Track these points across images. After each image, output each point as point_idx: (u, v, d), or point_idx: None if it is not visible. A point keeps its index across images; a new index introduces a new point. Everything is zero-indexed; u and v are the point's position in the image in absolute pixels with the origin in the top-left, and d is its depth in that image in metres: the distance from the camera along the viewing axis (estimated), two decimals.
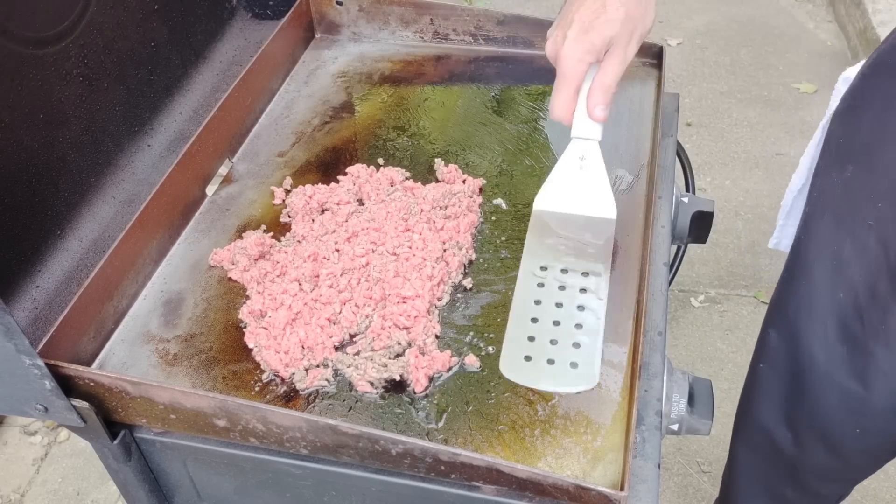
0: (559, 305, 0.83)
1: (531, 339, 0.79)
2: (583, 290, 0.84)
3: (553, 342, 0.79)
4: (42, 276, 0.85)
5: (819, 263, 0.99)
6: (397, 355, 0.83)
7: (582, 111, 0.87)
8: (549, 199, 0.92)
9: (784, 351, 1.08)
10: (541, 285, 0.85)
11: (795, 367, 1.06)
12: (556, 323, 0.81)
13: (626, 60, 0.84)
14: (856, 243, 0.93)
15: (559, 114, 0.86)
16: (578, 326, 0.80)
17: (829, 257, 0.97)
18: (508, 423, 0.77)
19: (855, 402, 1.00)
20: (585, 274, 0.86)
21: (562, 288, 0.84)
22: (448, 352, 0.82)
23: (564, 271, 0.86)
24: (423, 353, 0.82)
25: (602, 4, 0.82)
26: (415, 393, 0.79)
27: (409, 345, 0.83)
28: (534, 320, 0.81)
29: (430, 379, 0.81)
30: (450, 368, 0.81)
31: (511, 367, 0.77)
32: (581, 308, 0.82)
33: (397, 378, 0.80)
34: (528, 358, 0.78)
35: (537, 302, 0.83)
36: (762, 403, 1.17)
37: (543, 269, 0.87)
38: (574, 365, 0.77)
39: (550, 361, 0.78)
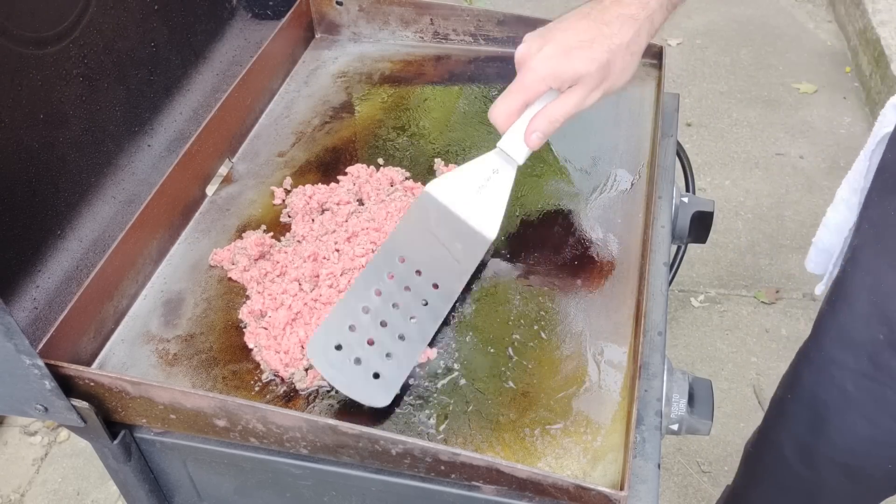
0: (395, 306, 0.80)
1: (351, 328, 0.77)
2: (424, 303, 0.82)
3: (370, 343, 0.77)
4: (42, 276, 0.85)
5: (861, 296, 0.96)
6: None
7: (520, 128, 0.84)
8: (444, 189, 0.88)
9: (814, 383, 1.05)
10: (390, 276, 0.82)
11: (824, 400, 1.03)
12: (384, 324, 0.79)
13: (583, 105, 0.82)
14: None
15: (498, 120, 0.83)
16: (401, 338, 0.78)
17: (871, 290, 0.94)
18: (508, 423, 0.77)
19: (888, 437, 0.98)
20: (436, 286, 0.83)
21: (407, 289, 0.82)
22: (434, 349, 0.82)
23: (419, 273, 0.83)
24: None
25: (590, 39, 0.79)
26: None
27: None
28: (365, 310, 0.78)
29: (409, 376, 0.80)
30: (427, 359, 0.81)
31: (316, 348, 0.75)
32: (412, 319, 0.80)
33: None
34: (338, 347, 0.76)
35: (378, 292, 0.80)
36: (784, 433, 1.15)
37: (401, 260, 0.84)
38: (376, 376, 0.75)
39: (357, 361, 0.75)
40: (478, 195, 0.88)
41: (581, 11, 0.82)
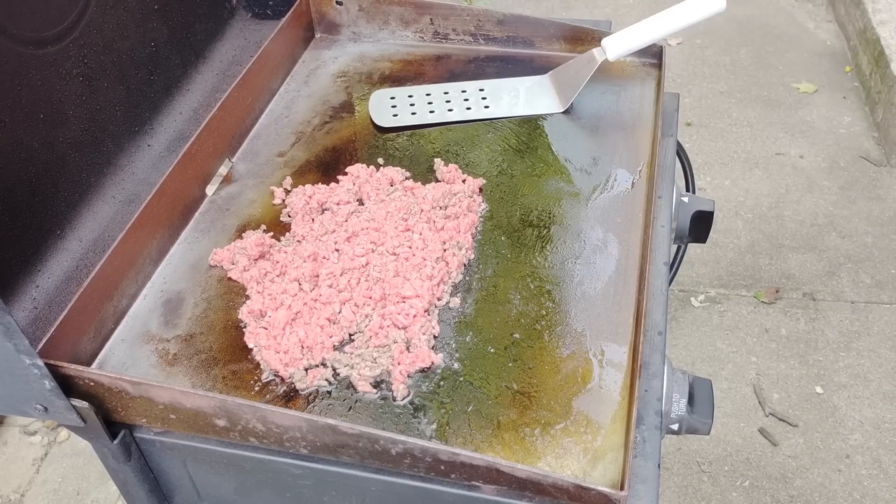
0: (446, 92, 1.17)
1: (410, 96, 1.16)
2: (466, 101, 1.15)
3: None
4: (42, 276, 0.85)
5: None
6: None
7: (624, 32, 1.01)
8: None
9: None
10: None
11: None
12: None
13: None
14: None
15: None
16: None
17: None
18: (508, 423, 0.77)
19: None
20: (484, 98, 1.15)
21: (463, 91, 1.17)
22: (431, 351, 0.82)
23: (481, 89, 1.16)
24: (409, 350, 0.82)
25: None
26: (394, 391, 0.79)
27: (407, 343, 0.83)
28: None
29: (408, 376, 0.81)
30: (431, 364, 0.81)
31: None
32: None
33: (388, 371, 0.80)
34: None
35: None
36: None
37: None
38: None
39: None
40: (571, 74, 1.12)
41: None
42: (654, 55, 1.18)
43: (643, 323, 0.80)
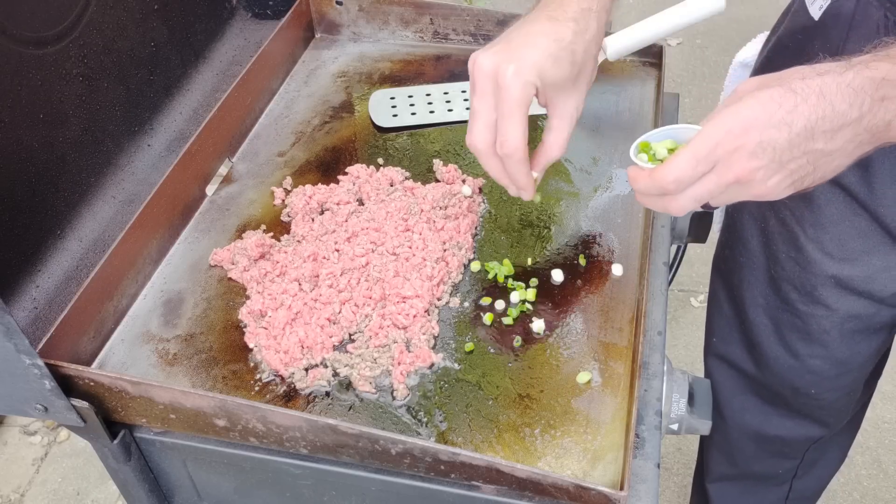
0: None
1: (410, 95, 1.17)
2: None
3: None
4: (42, 276, 0.85)
5: (752, 236, 1.05)
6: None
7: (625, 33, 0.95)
8: None
9: (735, 317, 1.16)
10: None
11: (747, 334, 1.14)
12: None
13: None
14: (777, 217, 1.00)
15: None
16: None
17: (759, 231, 1.04)
18: (508, 423, 0.77)
19: (803, 369, 1.07)
20: None
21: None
22: (431, 351, 0.82)
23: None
24: (409, 350, 0.82)
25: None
26: (394, 391, 0.80)
27: (407, 343, 0.83)
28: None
29: (408, 376, 0.81)
30: (432, 365, 0.81)
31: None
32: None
33: (388, 371, 0.81)
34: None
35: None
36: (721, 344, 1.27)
37: None
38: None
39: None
40: None
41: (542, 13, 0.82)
42: (654, 55, 1.18)
43: (643, 323, 0.80)
